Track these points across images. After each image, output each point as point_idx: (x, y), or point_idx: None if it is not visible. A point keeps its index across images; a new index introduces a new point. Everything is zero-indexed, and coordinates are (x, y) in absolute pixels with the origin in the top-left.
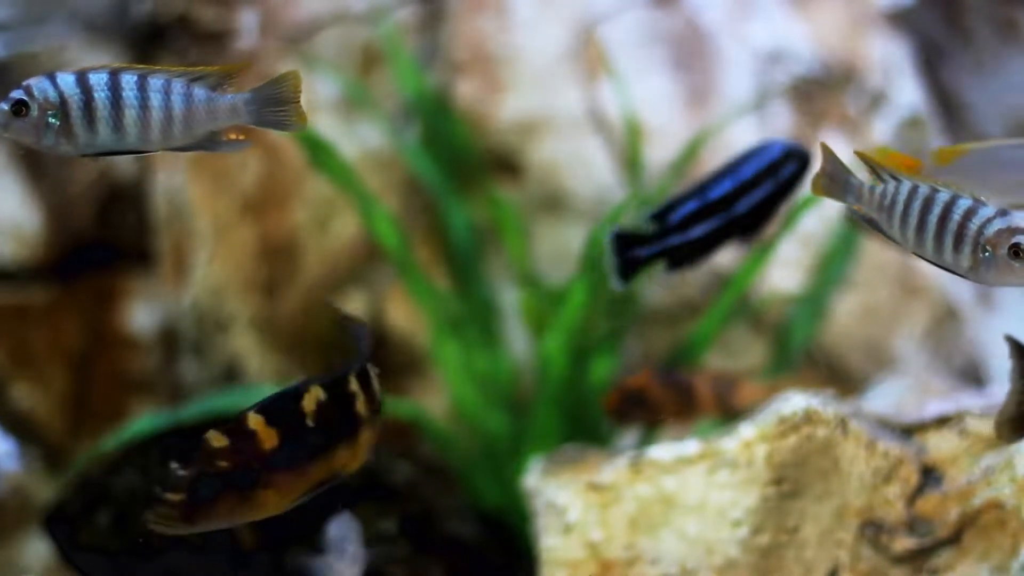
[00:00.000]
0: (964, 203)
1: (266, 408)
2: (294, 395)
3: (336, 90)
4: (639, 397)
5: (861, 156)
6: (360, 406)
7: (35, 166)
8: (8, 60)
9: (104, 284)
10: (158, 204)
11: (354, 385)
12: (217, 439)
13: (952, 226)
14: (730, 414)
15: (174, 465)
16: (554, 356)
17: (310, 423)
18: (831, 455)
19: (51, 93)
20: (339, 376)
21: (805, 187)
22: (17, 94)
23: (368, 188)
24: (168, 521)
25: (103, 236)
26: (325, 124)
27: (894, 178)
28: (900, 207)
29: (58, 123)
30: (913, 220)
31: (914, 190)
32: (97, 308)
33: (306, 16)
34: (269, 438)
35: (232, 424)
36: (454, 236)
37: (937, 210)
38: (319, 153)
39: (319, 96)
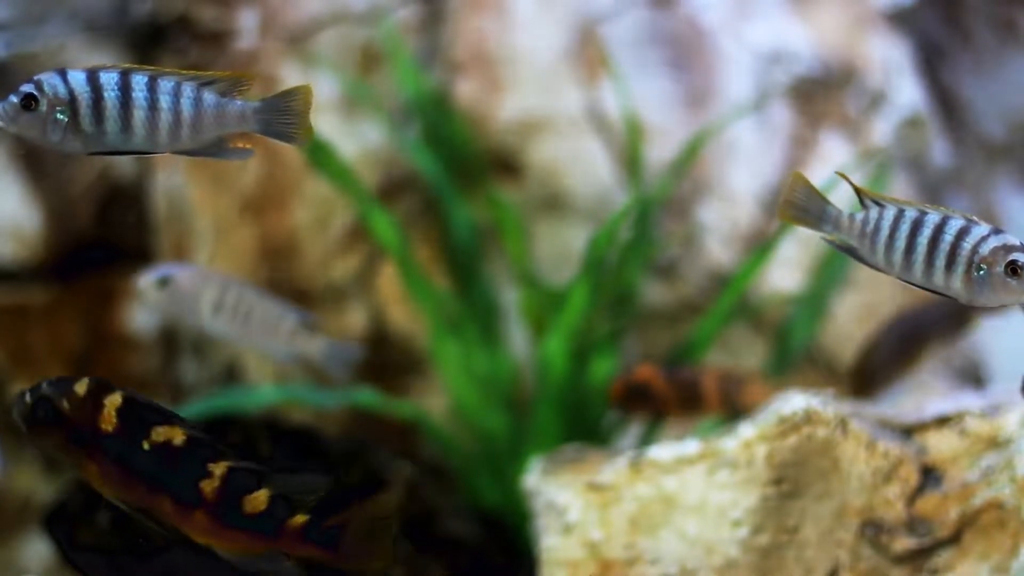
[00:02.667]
0: (956, 223)
1: (131, 402)
2: (160, 416)
3: (336, 90)
4: (644, 390)
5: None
6: (208, 488)
7: (35, 166)
8: (8, 60)
9: (104, 284)
10: (158, 204)
11: (219, 469)
12: (80, 386)
13: (944, 246)
14: (736, 413)
15: (49, 380)
16: (554, 356)
17: (146, 446)
18: (831, 455)
19: (61, 89)
20: (213, 447)
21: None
22: (27, 88)
23: (368, 188)
24: (15, 416)
25: (103, 236)
26: (325, 124)
27: (877, 204)
28: (885, 232)
29: (66, 120)
30: (901, 244)
31: (900, 214)
32: (97, 308)
33: (306, 16)
34: (107, 422)
35: (99, 387)
36: (454, 236)
37: (927, 232)
38: (318, 154)
39: (319, 96)
